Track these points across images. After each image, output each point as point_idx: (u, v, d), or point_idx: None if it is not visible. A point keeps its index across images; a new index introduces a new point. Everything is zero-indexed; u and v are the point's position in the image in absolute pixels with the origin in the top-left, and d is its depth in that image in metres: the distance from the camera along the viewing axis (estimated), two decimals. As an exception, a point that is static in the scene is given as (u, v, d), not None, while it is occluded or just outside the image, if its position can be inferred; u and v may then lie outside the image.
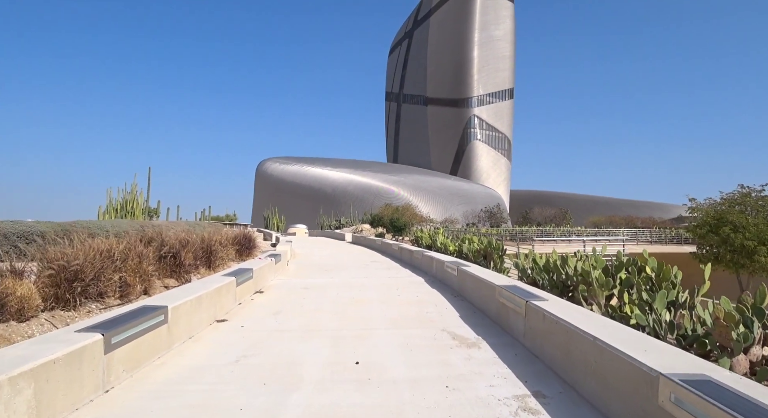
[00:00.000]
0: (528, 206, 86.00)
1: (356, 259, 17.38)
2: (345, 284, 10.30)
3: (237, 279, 7.85)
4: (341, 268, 13.95)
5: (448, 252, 15.13)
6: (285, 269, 13.23)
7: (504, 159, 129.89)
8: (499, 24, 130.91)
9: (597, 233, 41.03)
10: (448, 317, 6.83)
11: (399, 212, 33.15)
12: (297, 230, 48.41)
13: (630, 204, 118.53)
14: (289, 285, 10.16)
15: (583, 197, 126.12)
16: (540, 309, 4.90)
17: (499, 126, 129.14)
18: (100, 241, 7.48)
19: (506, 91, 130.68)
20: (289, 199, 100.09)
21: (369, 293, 9.13)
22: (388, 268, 13.99)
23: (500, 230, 39.22)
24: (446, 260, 10.48)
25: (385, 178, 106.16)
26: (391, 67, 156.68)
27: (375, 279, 11.26)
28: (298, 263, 15.46)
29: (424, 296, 8.76)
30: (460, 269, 9.06)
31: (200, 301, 6.07)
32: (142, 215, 30.72)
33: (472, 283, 7.97)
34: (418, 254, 13.71)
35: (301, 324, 6.41)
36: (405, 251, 16.07)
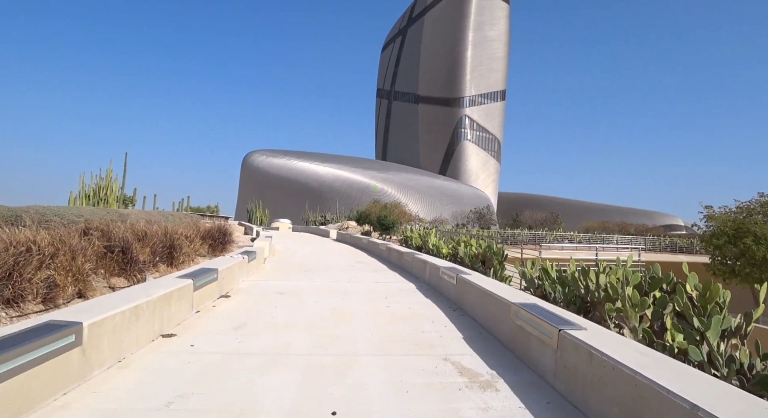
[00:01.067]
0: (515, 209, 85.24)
1: (340, 258, 16.08)
2: (326, 290, 8.99)
3: (195, 282, 6.51)
4: (323, 269, 12.64)
5: (440, 255, 13.89)
6: (260, 269, 11.89)
7: (493, 160, 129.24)
8: (494, 25, 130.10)
9: (591, 239, 40.15)
10: (450, 340, 5.57)
11: (387, 209, 31.73)
12: (280, 225, 46.89)
13: (618, 211, 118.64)
14: (262, 288, 8.83)
15: (571, 202, 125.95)
16: (582, 344, 3.65)
17: (490, 127, 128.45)
18: (24, 231, 6.12)
19: (498, 93, 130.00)
20: (275, 192, 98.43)
21: (353, 302, 7.84)
22: (375, 270, 12.70)
23: (491, 232, 38.11)
24: (442, 266, 9.22)
25: (373, 175, 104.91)
26: (384, 63, 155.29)
27: (360, 284, 9.97)
28: (277, 262, 14.12)
29: (417, 308, 7.49)
30: (459, 277, 7.81)
31: (138, 312, 4.75)
32: (116, 203, 29.13)
33: (476, 296, 6.72)
34: (409, 257, 12.45)
35: (266, 345, 5.10)
36: (393, 252, 14.81)
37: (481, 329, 6.11)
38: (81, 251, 6.35)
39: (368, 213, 30.39)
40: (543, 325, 4.41)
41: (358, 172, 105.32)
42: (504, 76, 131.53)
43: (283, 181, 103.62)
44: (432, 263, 10.07)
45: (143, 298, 4.92)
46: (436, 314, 7.06)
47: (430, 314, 7.03)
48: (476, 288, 6.75)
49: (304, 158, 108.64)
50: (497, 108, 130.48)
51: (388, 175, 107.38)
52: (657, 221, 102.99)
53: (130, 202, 31.75)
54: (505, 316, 5.46)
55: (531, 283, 8.51)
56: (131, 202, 31.61)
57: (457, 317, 6.87)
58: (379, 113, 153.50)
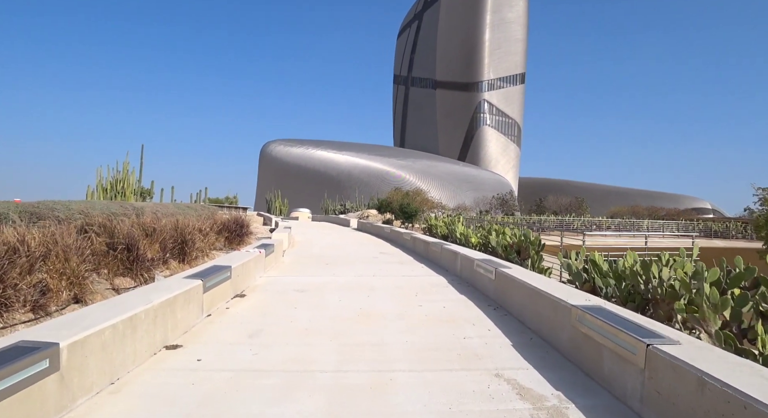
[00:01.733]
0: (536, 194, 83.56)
1: (363, 249, 15.36)
2: (350, 286, 8.26)
3: (206, 282, 5.82)
4: (346, 261, 11.92)
5: (469, 245, 13.07)
6: (279, 262, 11.21)
7: (513, 145, 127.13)
8: (513, 6, 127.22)
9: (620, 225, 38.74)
10: (498, 348, 4.78)
11: (409, 197, 30.70)
12: (300, 215, 46.38)
13: (643, 194, 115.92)
14: (281, 286, 8.13)
15: (593, 186, 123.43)
16: (687, 367, 2.84)
17: (510, 111, 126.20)
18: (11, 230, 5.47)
19: (517, 76, 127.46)
20: (293, 182, 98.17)
21: (381, 300, 7.09)
22: (400, 262, 11.94)
23: (516, 219, 36.99)
24: (476, 258, 8.41)
25: (392, 163, 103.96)
26: (400, 49, 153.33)
27: (387, 278, 9.22)
28: (297, 254, 13.45)
29: (452, 306, 6.71)
30: (499, 272, 7.00)
31: (135, 323, 4.06)
32: (134, 196, 28.84)
33: (523, 294, 5.91)
34: (436, 247, 11.65)
35: (285, 358, 4.37)
36: (419, 241, 14.02)
37: (531, 334, 5.31)
38: (77, 250, 5.69)
39: (390, 201, 29.53)
40: (621, 336, 3.59)
41: (377, 160, 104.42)
42: (523, 58, 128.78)
43: (302, 170, 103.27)
44: (464, 254, 9.26)
45: (141, 306, 4.23)
46: (474, 314, 6.27)
47: (468, 314, 6.25)
48: (522, 285, 5.94)
49: (322, 147, 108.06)
50: (517, 92, 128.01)
51: (407, 162, 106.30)
52: (683, 205, 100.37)
53: (147, 195, 31.42)
54: (563, 320, 4.65)
55: (577, 276, 7.67)
56: (149, 195, 31.28)
57: (500, 317, 6.08)
58: (396, 100, 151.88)
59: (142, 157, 29.52)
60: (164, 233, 8.34)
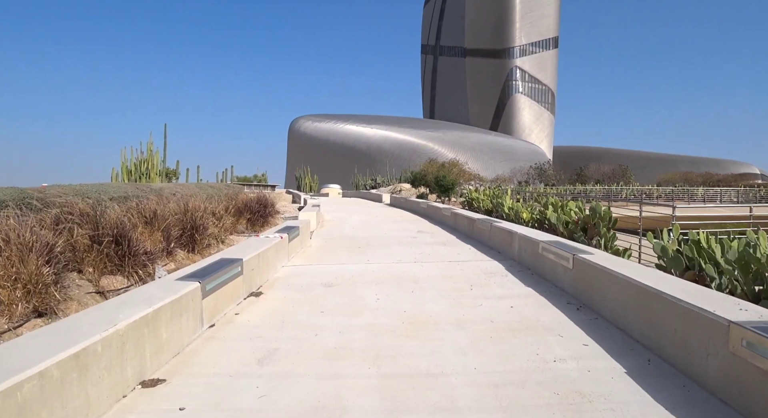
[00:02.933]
0: (572, 164, 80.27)
1: (398, 228, 13.98)
2: (388, 277, 6.89)
3: (205, 284, 4.54)
4: (381, 244, 10.56)
5: (520, 221, 11.53)
6: (305, 247, 9.93)
7: (547, 113, 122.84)
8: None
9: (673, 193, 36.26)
10: (608, 378, 3.33)
11: (445, 168, 28.85)
12: (330, 191, 45.27)
13: (685, 160, 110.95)
14: (305, 278, 6.82)
15: (632, 153, 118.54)
16: None
17: (542, 78, 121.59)
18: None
19: (550, 40, 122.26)
20: (323, 158, 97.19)
21: (428, 296, 5.71)
22: (443, 243, 10.50)
23: (559, 190, 34.88)
24: (541, 240, 6.92)
25: (422, 135, 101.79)
26: (427, 18, 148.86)
27: (431, 265, 7.82)
28: (326, 236, 12.16)
29: (522, 305, 5.27)
30: (578, 259, 5.51)
31: (85, 361, 2.77)
32: (159, 177, 28.06)
33: (622, 292, 4.42)
34: (484, 225, 10.15)
35: (304, 403, 3.02)
36: (462, 218, 12.53)
37: (644, 352, 3.83)
38: (42, 248, 4.44)
39: (424, 174, 27.79)
40: None
41: (407, 133, 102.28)
42: (556, 21, 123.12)
43: (331, 145, 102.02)
44: (522, 234, 7.76)
45: (98, 332, 2.93)
46: (554, 317, 4.82)
47: (546, 317, 4.80)
48: (621, 280, 4.45)
49: (350, 121, 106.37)
50: (550, 57, 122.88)
51: (437, 133, 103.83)
52: (729, 170, 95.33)
53: (173, 176, 30.65)
54: (705, 339, 3.17)
55: (675, 262, 6.11)
56: (174, 176, 30.51)
57: (589, 323, 4.61)
58: (425, 70, 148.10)
59: (165, 137, 28.57)
60: (168, 219, 7.09)
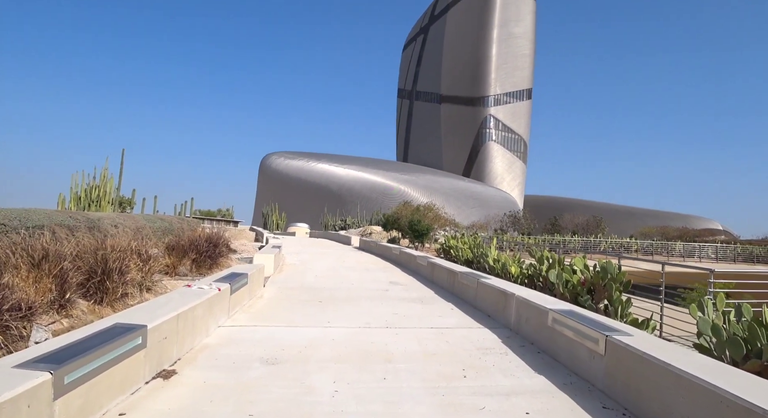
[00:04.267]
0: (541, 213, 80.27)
1: (368, 277, 12.33)
2: (352, 351, 5.21)
3: (63, 375, 2.83)
4: (346, 297, 8.88)
5: (509, 277, 10.03)
6: (255, 298, 8.18)
7: (519, 162, 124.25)
8: (520, 21, 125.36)
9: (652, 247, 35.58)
10: None
11: (420, 212, 27.49)
12: (297, 230, 43.38)
13: (651, 214, 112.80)
14: (240, 350, 5.08)
15: (600, 205, 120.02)
16: None
17: (516, 127, 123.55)
18: None
19: (524, 92, 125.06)
20: (293, 196, 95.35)
21: (408, 394, 4.03)
22: (420, 300, 8.88)
23: (537, 239, 33.73)
24: (552, 308, 5.40)
25: (395, 177, 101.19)
26: (405, 63, 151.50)
27: (408, 333, 6.18)
28: (283, 284, 10.41)
29: (542, 411, 3.67)
30: (613, 342, 3.99)
31: None
32: (111, 206, 25.88)
33: (696, 402, 2.88)
34: (469, 280, 8.61)
35: None
36: (440, 269, 10.98)
37: None
38: None
39: (397, 217, 26.16)
40: None
41: (380, 174, 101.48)
42: (530, 74, 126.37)
43: (302, 183, 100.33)
44: (521, 297, 6.24)
45: None
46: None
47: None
48: (699, 388, 2.91)
49: (323, 160, 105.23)
50: (523, 107, 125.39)
51: (410, 177, 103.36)
52: (694, 225, 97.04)
53: (128, 205, 28.45)
54: None
55: (733, 347, 4.64)
56: (129, 205, 28.30)
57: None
58: (401, 114, 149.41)
59: (122, 163, 26.45)
60: (64, 260, 5.33)
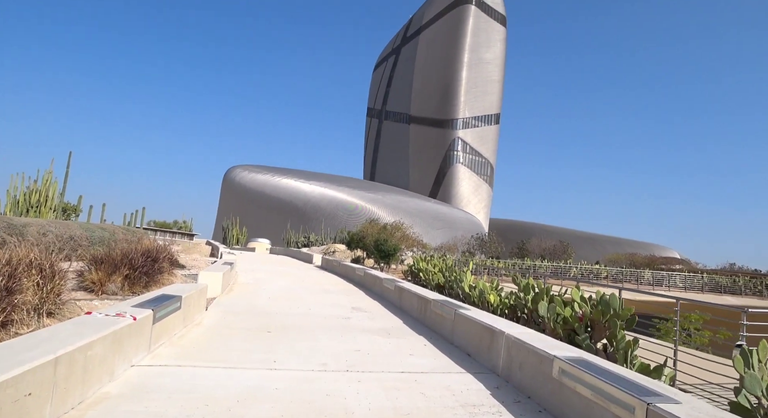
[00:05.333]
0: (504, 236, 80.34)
1: (328, 301, 11.02)
2: (301, 412, 3.93)
3: None
4: (300, 326, 7.57)
5: (486, 306, 8.91)
6: (190, 325, 6.81)
7: (486, 185, 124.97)
8: (490, 47, 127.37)
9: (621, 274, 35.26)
10: None
11: (387, 231, 26.34)
12: (258, 245, 41.56)
13: (612, 241, 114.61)
14: (145, 411, 3.74)
15: (561, 230, 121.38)
16: None
17: (483, 151, 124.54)
18: None
19: (492, 116, 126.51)
20: (257, 210, 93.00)
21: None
22: (388, 332, 7.63)
23: (507, 264, 32.90)
24: (558, 356, 4.27)
25: (361, 195, 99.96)
26: (375, 82, 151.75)
27: (373, 382, 4.93)
28: (229, 307, 9.02)
29: None
30: (658, 415, 2.86)
31: None
32: (53, 212, 23.85)
33: None
34: (445, 311, 7.44)
35: None
36: (409, 295, 9.77)
37: None
38: None
39: (363, 236, 24.84)
40: None
41: (346, 192, 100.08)
42: (499, 99, 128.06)
43: (266, 198, 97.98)
44: (513, 337, 5.10)
45: None
46: None
47: None
48: None
49: (288, 175, 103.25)
50: (491, 131, 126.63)
51: (377, 195, 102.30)
52: (653, 253, 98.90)
53: (72, 212, 26.38)
54: None
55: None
56: (74, 212, 26.24)
57: None
58: (369, 132, 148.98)
59: (68, 167, 24.47)
60: None
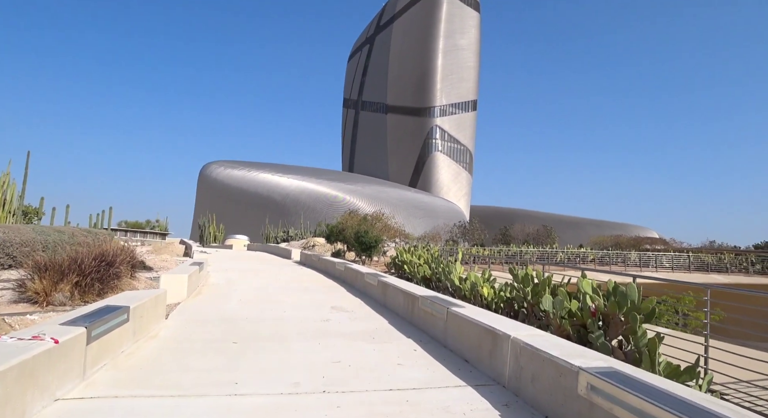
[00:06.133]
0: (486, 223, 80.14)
1: (306, 301, 10.11)
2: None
3: None
4: (272, 334, 6.66)
5: (480, 301, 8.10)
6: (142, 339, 5.85)
7: (465, 173, 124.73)
8: (465, 33, 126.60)
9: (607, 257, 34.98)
10: None
11: (367, 223, 25.17)
12: (235, 242, 40.36)
13: (592, 223, 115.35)
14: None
15: (542, 215, 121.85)
16: None
17: (462, 138, 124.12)
18: None
19: (469, 103, 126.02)
20: (234, 207, 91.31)
21: None
22: (372, 335, 6.76)
23: (493, 251, 32.23)
24: (583, 367, 3.45)
25: (341, 187, 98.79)
26: (350, 73, 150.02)
27: (356, 404, 4.06)
28: (193, 313, 8.05)
29: None
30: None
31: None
32: (12, 216, 22.39)
33: None
34: (435, 309, 6.60)
35: None
36: (394, 291, 8.91)
37: None
38: None
39: (342, 228, 23.81)
40: None
41: (325, 184, 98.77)
42: (475, 85, 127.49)
43: (244, 194, 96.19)
44: (521, 341, 4.27)
45: None
46: None
47: None
48: None
49: (266, 170, 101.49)
50: (469, 118, 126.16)
51: (356, 187, 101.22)
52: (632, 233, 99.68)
53: (34, 215, 24.92)
54: None
55: None
56: (35, 215, 24.79)
57: None
58: (346, 123, 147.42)
59: (27, 167, 23.02)
60: None
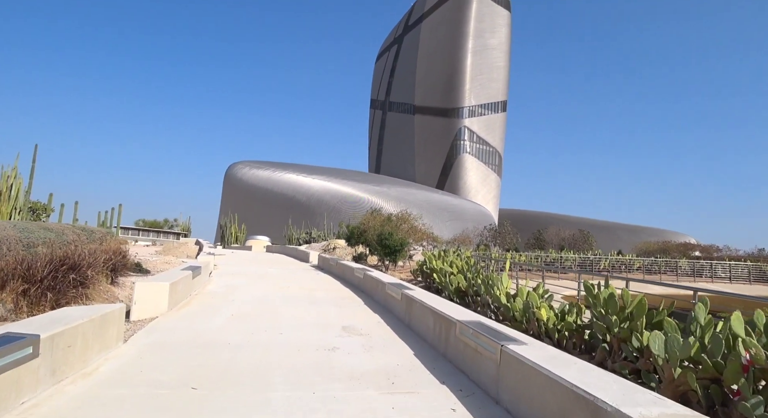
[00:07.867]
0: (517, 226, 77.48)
1: (311, 319, 8.27)
2: None
3: None
4: (254, 373, 4.84)
5: (536, 327, 6.14)
6: (66, 381, 4.08)
7: (494, 175, 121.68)
8: (495, 32, 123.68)
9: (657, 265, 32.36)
10: None
11: (392, 223, 22.72)
12: (255, 243, 38.98)
13: (627, 229, 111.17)
14: None
15: (576, 219, 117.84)
16: None
17: (491, 139, 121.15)
18: None
19: (499, 103, 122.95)
20: (259, 207, 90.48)
21: None
22: (392, 380, 4.88)
23: (530, 257, 29.87)
24: None
25: (366, 188, 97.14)
26: (378, 73, 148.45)
27: None
28: (164, 334, 6.29)
29: None
30: None
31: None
32: (17, 213, 21.17)
33: None
34: (483, 345, 4.70)
35: None
36: (423, 312, 7.00)
37: None
38: None
39: (364, 229, 21.63)
40: None
41: (350, 185, 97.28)
42: (505, 86, 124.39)
43: (269, 194, 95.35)
44: None
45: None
46: None
47: None
48: None
49: (291, 170, 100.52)
50: (498, 119, 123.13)
51: (382, 188, 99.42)
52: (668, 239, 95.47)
53: (43, 211, 23.81)
54: None
55: None
56: (44, 211, 23.67)
57: None
58: (373, 125, 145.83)
59: (34, 162, 21.81)
60: None
